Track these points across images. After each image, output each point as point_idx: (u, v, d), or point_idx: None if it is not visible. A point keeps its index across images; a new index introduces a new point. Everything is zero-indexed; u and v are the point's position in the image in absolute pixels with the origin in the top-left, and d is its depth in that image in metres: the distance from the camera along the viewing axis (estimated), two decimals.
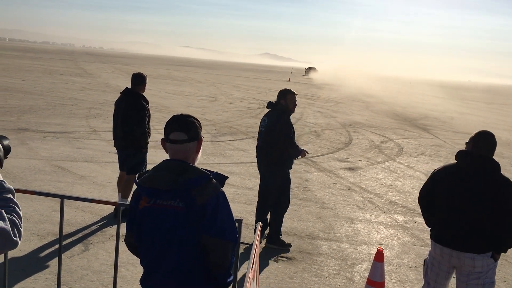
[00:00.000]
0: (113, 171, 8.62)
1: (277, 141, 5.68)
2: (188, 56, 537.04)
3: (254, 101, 25.62)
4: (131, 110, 6.29)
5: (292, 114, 5.91)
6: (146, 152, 6.53)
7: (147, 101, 6.50)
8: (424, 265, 3.94)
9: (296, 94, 5.94)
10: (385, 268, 4.90)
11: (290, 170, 6.01)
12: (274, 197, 5.90)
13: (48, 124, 12.89)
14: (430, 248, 3.88)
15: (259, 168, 6.13)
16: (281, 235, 5.98)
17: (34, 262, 4.85)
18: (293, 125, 5.94)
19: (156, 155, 10.05)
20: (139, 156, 6.44)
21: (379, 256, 4.42)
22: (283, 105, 5.80)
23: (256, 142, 6.13)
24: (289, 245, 5.91)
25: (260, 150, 5.94)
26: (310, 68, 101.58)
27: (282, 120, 5.73)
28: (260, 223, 3.36)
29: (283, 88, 6.01)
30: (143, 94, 6.52)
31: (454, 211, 3.58)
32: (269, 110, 5.92)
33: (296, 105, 5.91)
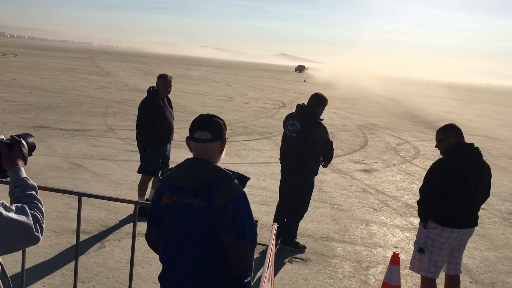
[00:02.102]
0: (129, 169, 8.69)
1: (311, 147, 5.56)
2: (204, 56, 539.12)
3: (269, 101, 25.60)
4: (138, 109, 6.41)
5: None
6: (153, 152, 6.36)
7: (155, 102, 6.36)
8: (423, 254, 4.16)
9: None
10: (400, 271, 4.85)
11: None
12: (297, 201, 5.85)
13: (66, 122, 13.05)
14: (427, 239, 4.15)
15: (283, 172, 5.97)
16: (296, 237, 5.95)
17: (51, 258, 4.91)
18: None
19: (177, 155, 10.12)
20: (144, 157, 6.43)
21: (395, 259, 4.38)
22: (316, 111, 5.65)
23: (272, 144, 6.08)
24: (304, 247, 5.88)
25: (288, 155, 5.78)
26: (301, 66, 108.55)
27: (321, 125, 5.58)
28: (276, 224, 3.35)
29: (318, 93, 5.79)
30: (164, 93, 6.44)
31: (468, 195, 4.04)
32: (296, 113, 5.69)
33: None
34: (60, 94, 19.56)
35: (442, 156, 4.19)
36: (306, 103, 5.75)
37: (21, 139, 2.12)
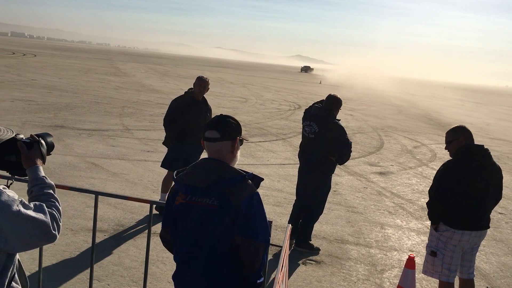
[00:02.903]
0: (145, 169, 8.76)
1: (329, 148, 5.54)
2: (220, 57, 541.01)
3: (284, 103, 25.59)
4: None
5: None
6: (173, 148, 6.55)
7: (184, 101, 6.52)
8: (435, 257, 4.12)
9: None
10: (416, 275, 4.81)
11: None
12: (313, 203, 5.84)
13: (84, 122, 13.21)
14: (438, 242, 4.12)
15: (300, 171, 5.97)
16: (310, 239, 5.93)
17: (67, 256, 4.97)
18: None
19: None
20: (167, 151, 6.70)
21: (410, 263, 4.34)
22: (333, 112, 5.66)
23: (287, 146, 6.08)
24: (318, 249, 5.87)
25: (305, 156, 5.80)
26: (306, 67, 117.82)
27: (339, 126, 5.56)
28: (291, 225, 3.34)
29: (333, 94, 5.78)
30: (198, 94, 6.53)
31: (478, 196, 4.00)
32: (313, 114, 5.69)
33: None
34: (78, 94, 19.81)
35: (451, 158, 4.16)
36: (322, 104, 5.76)
37: (40, 138, 2.15)
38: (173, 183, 2.48)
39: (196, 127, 6.49)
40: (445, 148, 4.28)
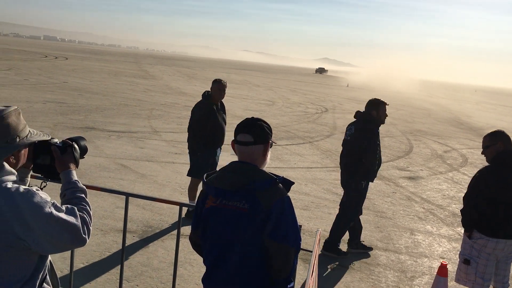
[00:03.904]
0: (173, 171, 8.83)
1: (361, 151, 5.47)
2: (247, 60, 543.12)
3: (311, 106, 25.46)
4: None
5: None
6: (203, 156, 6.45)
7: (208, 106, 6.42)
8: (469, 265, 4.03)
9: (387, 104, 5.70)
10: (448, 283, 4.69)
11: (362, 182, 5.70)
12: (344, 206, 5.77)
13: (113, 124, 13.42)
14: (472, 250, 4.03)
15: (341, 177, 5.93)
16: (339, 244, 5.85)
17: (97, 256, 5.05)
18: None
19: (223, 158, 10.24)
20: (194, 160, 6.54)
21: (443, 271, 4.23)
22: (373, 116, 5.58)
23: (314, 149, 6.04)
24: (346, 254, 5.79)
25: (341, 160, 5.78)
26: (321, 69, 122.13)
27: (368, 129, 5.49)
28: (320, 229, 3.30)
29: (373, 98, 5.74)
30: (218, 98, 6.48)
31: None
32: (354, 118, 5.68)
33: (387, 115, 5.68)
34: (107, 97, 20.17)
35: (488, 164, 4.04)
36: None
37: (73, 143, 2.18)
38: (196, 190, 2.47)
39: (223, 131, 6.52)
40: (482, 153, 4.15)
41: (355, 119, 5.68)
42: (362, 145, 5.46)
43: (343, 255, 5.75)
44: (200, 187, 6.68)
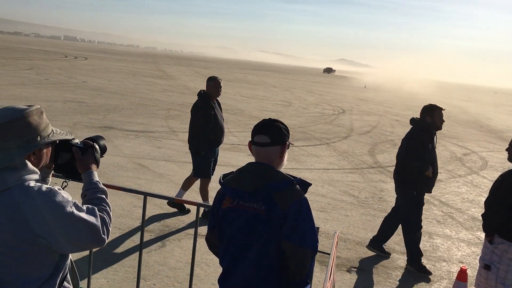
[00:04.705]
0: (190, 171, 8.83)
1: (407, 157, 5.38)
2: (263, 61, 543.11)
3: (328, 107, 25.34)
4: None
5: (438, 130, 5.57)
6: (206, 155, 6.44)
7: (208, 105, 6.36)
8: (489, 271, 3.91)
9: (443, 109, 5.53)
10: None
11: (403, 188, 5.61)
12: (400, 217, 5.67)
13: (131, 123, 13.55)
14: (493, 255, 3.89)
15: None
16: (421, 257, 5.53)
17: (115, 254, 5.09)
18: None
19: (230, 157, 10.23)
20: (197, 160, 6.53)
21: (462, 276, 4.18)
22: (428, 122, 5.44)
23: (331, 150, 6.00)
24: (429, 273, 5.48)
25: (395, 167, 5.71)
26: (329, 69, 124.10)
27: (416, 136, 5.39)
28: (338, 231, 3.28)
29: (428, 104, 5.63)
30: (215, 96, 6.44)
31: None
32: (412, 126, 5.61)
33: (443, 121, 5.50)
34: (126, 97, 20.36)
35: (511, 163, 3.98)
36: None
37: (94, 143, 2.19)
38: (207, 189, 2.47)
39: (223, 129, 6.57)
40: (506, 149, 4.07)
41: (412, 126, 5.58)
42: (409, 153, 5.36)
43: (425, 273, 5.45)
44: (210, 185, 6.73)
